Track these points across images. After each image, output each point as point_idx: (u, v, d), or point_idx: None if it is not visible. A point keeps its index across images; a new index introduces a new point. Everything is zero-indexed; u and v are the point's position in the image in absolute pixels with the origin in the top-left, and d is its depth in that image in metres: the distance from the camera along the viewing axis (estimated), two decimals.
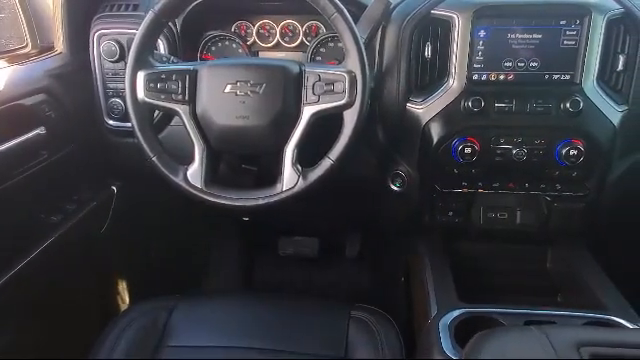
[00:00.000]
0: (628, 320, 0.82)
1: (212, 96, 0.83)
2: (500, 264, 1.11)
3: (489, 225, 1.02)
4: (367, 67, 0.81)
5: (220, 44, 1.14)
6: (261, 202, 0.83)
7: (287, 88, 0.82)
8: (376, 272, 1.59)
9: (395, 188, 1.05)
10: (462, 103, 0.93)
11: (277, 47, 1.12)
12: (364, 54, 0.81)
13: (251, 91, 0.82)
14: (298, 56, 1.13)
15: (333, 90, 0.80)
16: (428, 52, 0.95)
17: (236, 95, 0.82)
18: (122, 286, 1.32)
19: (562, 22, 0.91)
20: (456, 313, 0.85)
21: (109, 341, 0.89)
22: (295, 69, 0.83)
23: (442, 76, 0.96)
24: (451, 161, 0.96)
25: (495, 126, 0.94)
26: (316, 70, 0.82)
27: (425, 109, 0.96)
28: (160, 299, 0.97)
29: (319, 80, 0.81)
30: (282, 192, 0.82)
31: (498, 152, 0.95)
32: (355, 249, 1.61)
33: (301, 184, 0.82)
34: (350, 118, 0.81)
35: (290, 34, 1.12)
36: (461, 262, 1.08)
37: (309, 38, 1.11)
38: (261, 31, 1.12)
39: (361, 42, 0.81)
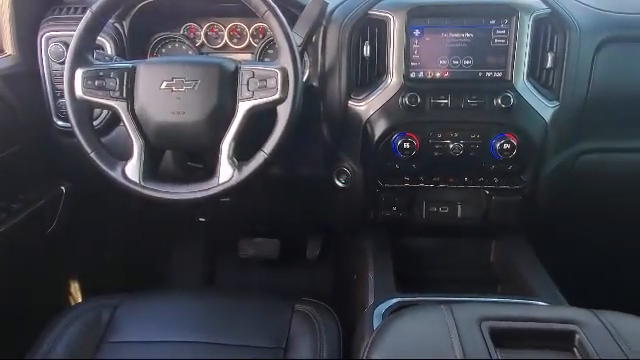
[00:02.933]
0: (553, 303, 0.85)
1: (149, 93, 0.85)
2: (446, 257, 1.14)
3: (431, 219, 1.05)
4: (299, 63, 0.84)
5: (170, 46, 1.16)
6: (198, 195, 0.85)
7: (222, 85, 0.85)
8: (337, 271, 1.61)
9: (340, 184, 1.08)
10: (400, 100, 0.96)
11: (225, 48, 1.14)
12: (296, 51, 0.84)
13: (186, 88, 0.84)
14: (247, 57, 1.15)
15: (266, 86, 0.83)
16: (367, 51, 0.98)
17: (172, 91, 0.84)
18: (74, 287, 1.31)
19: (492, 22, 0.96)
20: (391, 302, 0.87)
21: (50, 337, 0.89)
22: (231, 66, 0.86)
23: (381, 74, 0.99)
24: (392, 156, 0.99)
25: (432, 121, 0.97)
26: (250, 67, 0.85)
27: (366, 106, 0.99)
28: (104, 297, 0.98)
29: (253, 77, 0.84)
30: (218, 185, 0.84)
31: (436, 147, 0.98)
32: (316, 250, 1.63)
33: (237, 177, 0.84)
34: (283, 113, 0.84)
35: (238, 36, 1.14)
36: (407, 256, 1.11)
37: (256, 40, 1.14)
38: (209, 33, 1.14)
39: (293, 39, 0.84)
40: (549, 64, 0.97)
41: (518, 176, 1.03)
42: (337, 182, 1.08)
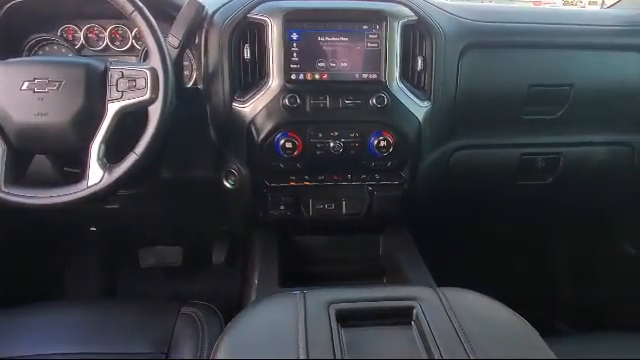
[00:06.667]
0: None
1: (8, 94, 0.81)
2: (337, 253, 1.17)
3: (318, 216, 1.08)
4: (169, 64, 0.84)
5: (47, 48, 1.11)
6: (65, 199, 0.82)
7: (89, 85, 0.83)
8: (243, 275, 1.61)
9: (229, 186, 1.09)
10: (281, 101, 0.99)
11: (107, 51, 1.12)
12: (165, 51, 0.84)
13: (50, 88, 0.81)
14: (131, 60, 1.13)
15: (135, 86, 0.82)
16: (247, 54, 1.00)
17: (34, 92, 0.81)
18: None
19: (364, 27, 1.01)
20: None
21: None
22: (99, 67, 0.84)
23: (263, 76, 1.01)
24: (276, 156, 1.02)
25: (312, 121, 1.01)
26: (119, 67, 0.84)
27: (249, 108, 1.01)
28: None
29: (122, 77, 0.83)
30: (87, 188, 0.82)
31: (318, 146, 1.02)
32: (222, 255, 1.61)
33: (107, 179, 0.82)
34: (154, 113, 0.83)
35: (120, 38, 1.12)
36: (298, 254, 1.13)
37: (140, 42, 1.12)
38: (89, 35, 1.11)
39: (162, 39, 0.84)
40: (419, 67, 1.05)
41: (397, 172, 1.09)
42: (226, 183, 1.09)
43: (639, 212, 1.41)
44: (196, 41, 1.02)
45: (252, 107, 1.01)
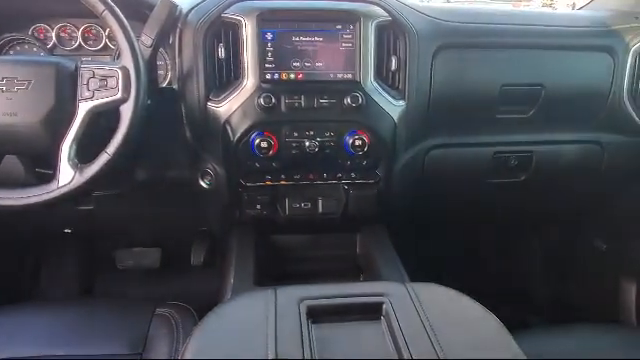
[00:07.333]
0: None
1: None
2: (315, 252, 1.18)
3: (295, 215, 1.09)
4: (142, 63, 0.84)
5: (19, 48, 1.09)
6: (34, 200, 0.81)
7: (60, 84, 0.82)
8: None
9: (205, 185, 1.09)
10: (256, 100, 0.99)
11: (80, 50, 1.10)
12: (137, 50, 0.84)
13: (19, 88, 0.80)
14: (105, 59, 1.12)
15: (107, 86, 0.82)
16: (222, 53, 1.00)
17: (3, 92, 0.80)
18: None
19: (338, 27, 1.02)
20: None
21: None
22: (69, 66, 0.84)
23: (238, 76, 1.01)
24: (252, 156, 1.02)
25: (287, 121, 1.01)
26: (91, 66, 0.83)
27: (225, 107, 1.01)
28: None
29: (93, 76, 0.82)
30: (58, 188, 0.81)
31: (293, 145, 1.02)
32: (201, 255, 1.60)
33: (78, 179, 0.81)
34: (126, 113, 0.83)
35: (93, 37, 1.11)
36: (275, 253, 1.14)
37: (114, 42, 1.11)
38: (62, 34, 1.10)
39: (134, 38, 0.84)
40: (394, 66, 1.06)
41: (373, 171, 1.10)
42: (202, 183, 1.09)
43: (609, 209, 1.45)
44: (170, 41, 1.02)
45: (227, 107, 1.01)
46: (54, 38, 1.09)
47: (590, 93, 1.19)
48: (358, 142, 1.03)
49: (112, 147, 0.82)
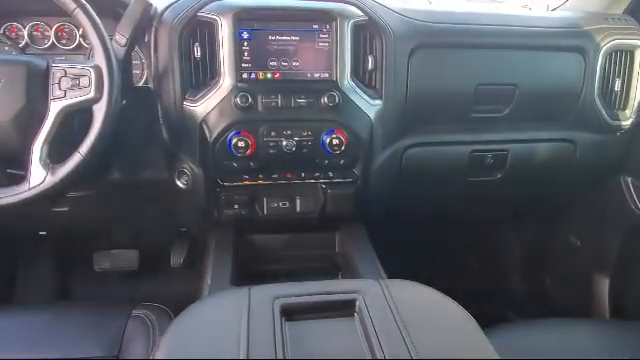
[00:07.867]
0: None
1: None
2: (295, 251, 1.18)
3: (273, 215, 1.09)
4: (114, 62, 0.83)
5: None
6: (3, 202, 0.79)
7: (31, 84, 0.81)
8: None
9: (182, 185, 1.08)
10: (232, 100, 0.99)
11: (53, 49, 1.09)
12: (110, 49, 0.83)
13: None
14: (79, 59, 1.11)
15: (79, 85, 0.81)
16: (198, 53, 0.99)
17: None
18: None
19: (315, 26, 1.02)
20: None
21: None
22: (41, 65, 0.82)
23: (214, 75, 1.01)
24: (229, 155, 1.02)
25: (264, 120, 1.01)
26: (62, 65, 0.82)
27: (201, 107, 1.00)
28: None
29: (65, 75, 0.81)
30: (29, 189, 0.80)
31: (271, 144, 1.02)
32: (180, 257, 1.59)
33: (50, 180, 0.80)
34: (99, 112, 0.82)
35: (67, 36, 1.10)
36: (254, 253, 1.13)
37: (87, 41, 1.10)
38: (34, 33, 1.08)
39: (106, 37, 0.83)
40: (370, 66, 1.07)
41: (350, 170, 1.10)
42: (178, 183, 1.08)
43: (582, 205, 1.48)
44: (146, 39, 1.01)
45: (204, 106, 1.00)
46: (26, 37, 1.08)
47: (562, 92, 1.21)
48: (335, 141, 1.04)
49: (85, 147, 0.81)
